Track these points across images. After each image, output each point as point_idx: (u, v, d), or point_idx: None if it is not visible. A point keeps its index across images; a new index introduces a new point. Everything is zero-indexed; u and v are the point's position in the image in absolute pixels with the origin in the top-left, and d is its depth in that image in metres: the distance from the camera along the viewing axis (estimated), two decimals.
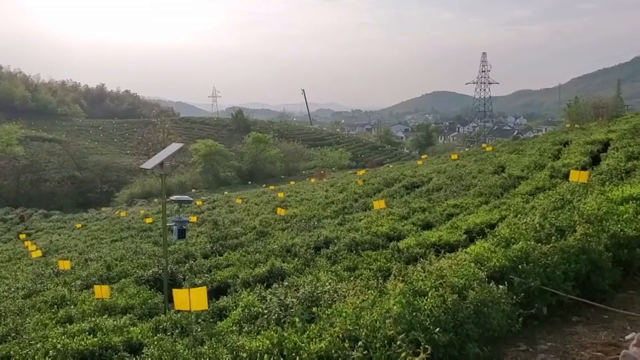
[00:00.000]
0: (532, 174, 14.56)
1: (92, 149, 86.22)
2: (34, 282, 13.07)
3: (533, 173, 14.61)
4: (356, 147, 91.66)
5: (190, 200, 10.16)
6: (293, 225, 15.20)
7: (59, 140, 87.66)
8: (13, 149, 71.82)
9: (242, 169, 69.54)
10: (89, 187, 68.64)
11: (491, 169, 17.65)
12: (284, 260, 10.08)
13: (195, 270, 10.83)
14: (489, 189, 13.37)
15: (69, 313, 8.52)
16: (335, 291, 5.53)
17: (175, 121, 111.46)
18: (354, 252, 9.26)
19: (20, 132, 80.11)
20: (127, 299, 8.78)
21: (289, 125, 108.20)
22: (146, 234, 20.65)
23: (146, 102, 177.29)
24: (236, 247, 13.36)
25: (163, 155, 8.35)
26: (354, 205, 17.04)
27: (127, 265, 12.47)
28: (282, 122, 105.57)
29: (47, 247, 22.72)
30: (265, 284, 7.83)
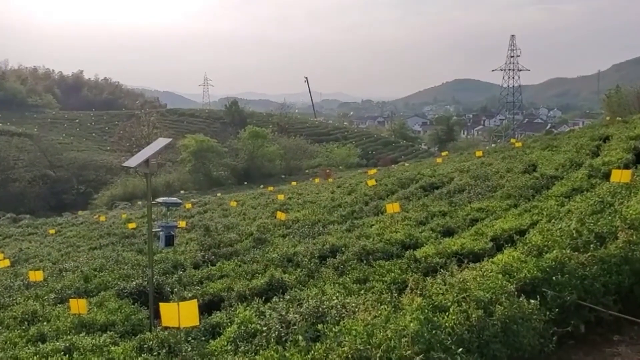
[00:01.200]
0: (567, 173, 14.53)
1: (67, 145, 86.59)
2: (1, 295, 13.09)
3: (569, 172, 14.57)
4: (366, 143, 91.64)
5: (179, 203, 10.17)
6: (295, 231, 15.21)
7: (29, 134, 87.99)
8: None
9: (237, 168, 69.66)
10: (64, 188, 68.83)
11: (521, 167, 17.61)
12: (284, 270, 10.10)
13: (185, 282, 10.87)
14: (518, 191, 13.35)
15: (41, 330, 8.56)
16: (343, 306, 5.55)
17: (162, 113, 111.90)
18: (365, 262, 9.26)
19: None
20: (108, 315, 8.81)
21: (290, 118, 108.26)
22: (129, 241, 20.72)
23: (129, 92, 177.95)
24: (231, 255, 13.39)
25: (149, 151, 8.36)
26: (364, 209, 17.03)
27: (107, 277, 12.51)
28: (282, 115, 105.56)
29: (16, 256, 22.79)
30: (263, 298, 7.85)
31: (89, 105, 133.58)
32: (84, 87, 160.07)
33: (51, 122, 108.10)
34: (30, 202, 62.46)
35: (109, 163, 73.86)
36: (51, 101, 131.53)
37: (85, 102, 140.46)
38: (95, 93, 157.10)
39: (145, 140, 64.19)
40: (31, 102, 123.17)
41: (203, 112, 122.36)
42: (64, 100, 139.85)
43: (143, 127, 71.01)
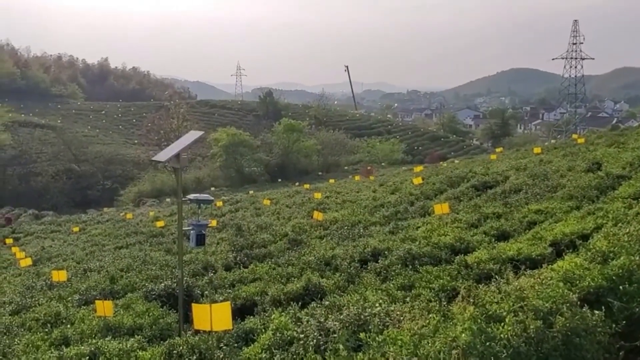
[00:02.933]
0: (636, 172, 14.16)
1: (92, 138, 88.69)
2: (23, 295, 13.53)
3: (637, 172, 14.21)
4: (412, 138, 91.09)
5: (210, 200, 10.32)
6: (333, 232, 15.22)
7: (53, 126, 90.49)
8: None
9: (271, 164, 70.14)
10: (89, 183, 70.33)
11: (584, 165, 17.25)
12: (322, 275, 10.13)
13: (216, 285, 11.02)
14: (581, 191, 13.08)
15: (65, 333, 8.82)
16: (387, 314, 5.55)
17: (192, 105, 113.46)
18: (410, 267, 9.21)
19: (7, 116, 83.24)
20: (135, 318, 9.02)
21: (328, 110, 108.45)
22: (157, 240, 21.10)
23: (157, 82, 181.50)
24: (264, 257, 13.51)
25: (179, 145, 8.51)
26: (410, 210, 16.94)
27: (134, 278, 12.80)
28: (320, 107, 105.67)
29: (39, 255, 23.52)
30: (300, 303, 7.89)
31: (115, 96, 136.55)
32: (110, 76, 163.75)
33: (76, 113, 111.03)
34: (53, 197, 63.96)
35: (136, 157, 75.15)
36: (76, 91, 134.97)
37: (111, 93, 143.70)
38: (123, 83, 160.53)
39: (175, 134, 65.21)
40: (55, 92, 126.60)
41: (235, 103, 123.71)
42: (89, 90, 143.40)
43: (172, 120, 72.08)
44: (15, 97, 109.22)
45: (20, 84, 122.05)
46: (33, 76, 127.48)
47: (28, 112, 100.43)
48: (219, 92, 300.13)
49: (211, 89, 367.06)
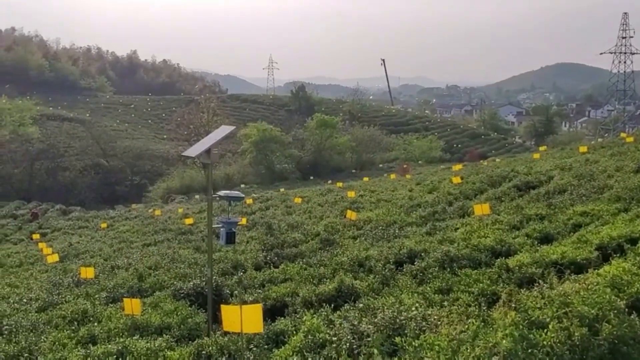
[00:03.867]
0: None
1: (121, 132, 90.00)
2: (50, 292, 13.86)
3: None
4: (451, 135, 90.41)
5: (241, 197, 10.42)
6: (367, 232, 15.23)
7: (81, 120, 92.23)
8: (26, 129, 76.05)
9: (303, 161, 70.32)
10: (117, 178, 71.25)
11: (633, 166, 16.91)
12: (355, 276, 10.15)
13: (245, 285, 11.12)
14: (629, 192, 12.83)
15: (92, 331, 9.01)
16: (423, 318, 5.54)
17: (223, 99, 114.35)
18: (448, 269, 9.18)
19: (35, 109, 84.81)
20: (163, 317, 9.17)
21: (363, 105, 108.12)
22: (185, 238, 21.39)
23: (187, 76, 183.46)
24: (295, 257, 13.59)
25: (210, 140, 8.60)
26: (448, 210, 16.83)
27: (162, 276, 13.00)
28: (354, 102, 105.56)
29: (66, 251, 24.03)
30: (332, 305, 7.92)
31: (145, 89, 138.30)
32: (140, 69, 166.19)
33: (104, 106, 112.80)
34: (81, 193, 64.98)
35: (165, 152, 76.00)
36: (104, 84, 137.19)
37: (140, 86, 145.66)
38: (152, 76, 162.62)
39: (205, 129, 65.69)
40: (84, 85, 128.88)
41: (267, 98, 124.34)
42: (118, 84, 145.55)
43: (202, 114, 72.51)
44: (43, 89, 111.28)
45: (49, 76, 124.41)
46: (62, 68, 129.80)
47: (56, 105, 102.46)
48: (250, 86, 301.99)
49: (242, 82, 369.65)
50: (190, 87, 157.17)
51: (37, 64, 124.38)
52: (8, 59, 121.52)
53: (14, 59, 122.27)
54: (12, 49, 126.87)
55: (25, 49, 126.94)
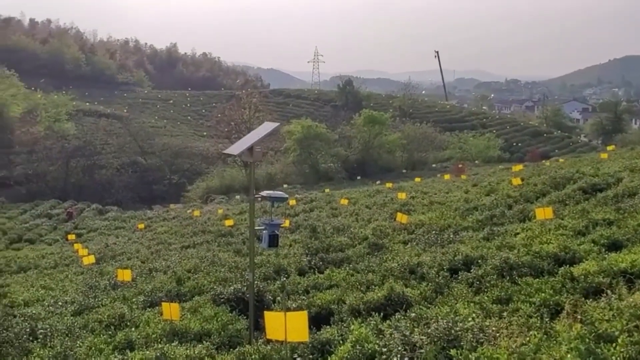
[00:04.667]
0: None
1: (159, 129, 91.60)
2: (86, 295, 14.19)
3: None
4: (511, 133, 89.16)
5: (285, 198, 10.45)
6: (419, 237, 15.15)
7: (118, 116, 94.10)
8: (62, 125, 77.88)
9: (350, 160, 70.27)
10: (155, 177, 72.36)
11: None
12: (406, 284, 10.13)
13: (289, 290, 11.18)
14: None
15: (129, 337, 9.19)
16: (481, 330, 5.50)
17: (265, 94, 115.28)
18: (507, 278, 9.09)
19: (71, 104, 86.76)
20: (202, 323, 9.31)
21: (415, 100, 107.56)
22: (225, 240, 21.62)
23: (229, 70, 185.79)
24: (341, 262, 13.61)
25: (253, 137, 8.67)
26: (507, 214, 16.61)
27: (201, 280, 13.18)
28: (405, 97, 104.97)
29: (102, 252, 24.58)
30: (381, 314, 7.92)
31: (184, 84, 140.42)
32: (179, 63, 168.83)
33: (142, 102, 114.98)
34: (117, 192, 66.02)
35: (205, 150, 76.72)
36: (142, 79, 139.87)
37: (179, 81, 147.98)
38: (192, 70, 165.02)
39: (246, 125, 66.31)
40: (121, 80, 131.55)
41: (312, 92, 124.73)
42: (157, 78, 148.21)
43: (244, 110, 73.09)
44: (79, 83, 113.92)
45: (85, 70, 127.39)
46: (98, 62, 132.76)
47: (93, 101, 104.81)
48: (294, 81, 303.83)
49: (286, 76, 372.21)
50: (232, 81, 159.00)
51: (73, 57, 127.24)
52: (44, 52, 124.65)
53: (50, 52, 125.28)
54: (47, 42, 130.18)
55: (61, 42, 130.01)
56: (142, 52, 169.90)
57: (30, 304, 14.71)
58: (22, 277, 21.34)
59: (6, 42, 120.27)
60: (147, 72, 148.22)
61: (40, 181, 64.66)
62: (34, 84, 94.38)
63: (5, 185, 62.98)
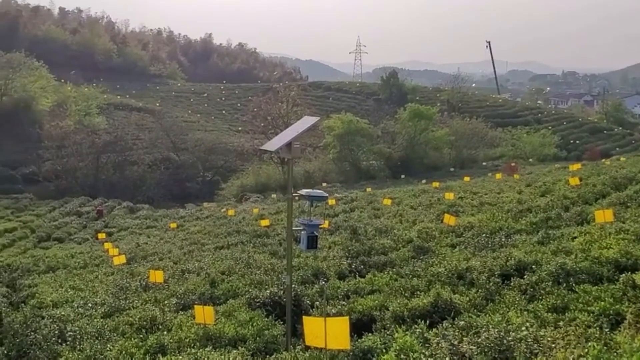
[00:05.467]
0: None
1: (193, 123, 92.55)
2: (117, 297, 14.41)
3: None
4: (568, 129, 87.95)
5: (325, 197, 10.44)
6: (468, 240, 15.08)
7: (150, 110, 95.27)
8: (92, 119, 79.30)
9: (393, 157, 69.91)
10: (188, 174, 73.02)
11: None
12: (454, 290, 10.09)
13: (328, 295, 11.19)
14: None
15: (161, 341, 9.31)
16: (535, 340, 5.45)
17: (304, 87, 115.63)
18: (564, 285, 9.01)
19: (102, 97, 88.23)
20: (237, 327, 9.38)
21: (464, 93, 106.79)
22: (261, 241, 21.73)
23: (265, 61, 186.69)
24: (384, 266, 13.61)
25: (292, 132, 8.68)
26: (564, 216, 16.41)
27: (236, 282, 13.29)
28: (454, 90, 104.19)
29: (133, 252, 24.97)
30: (427, 322, 7.89)
31: (219, 77, 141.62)
32: (213, 54, 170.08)
33: (175, 95, 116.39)
34: (149, 189, 66.69)
35: (240, 146, 76.98)
36: (176, 71, 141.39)
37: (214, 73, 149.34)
38: (227, 62, 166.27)
39: (283, 120, 66.59)
40: (154, 72, 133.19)
41: (353, 85, 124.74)
42: (190, 70, 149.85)
43: (281, 104, 73.33)
44: (110, 76, 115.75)
45: (117, 61, 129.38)
46: (130, 53, 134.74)
47: (124, 94, 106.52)
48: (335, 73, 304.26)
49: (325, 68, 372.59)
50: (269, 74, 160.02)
51: (104, 48, 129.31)
52: (74, 43, 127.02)
53: (80, 43, 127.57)
54: (78, 32, 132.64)
55: (91, 32, 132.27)
56: (175, 43, 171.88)
57: (59, 305, 14.98)
58: (51, 277, 21.73)
59: (35, 32, 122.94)
60: (181, 64, 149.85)
61: (69, 177, 65.61)
62: (63, 76, 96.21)
63: (34, 181, 64.13)
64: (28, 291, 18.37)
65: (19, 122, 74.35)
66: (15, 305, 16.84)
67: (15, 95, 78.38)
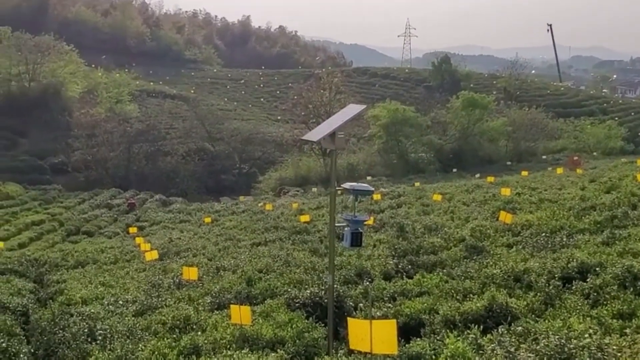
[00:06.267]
0: None
1: (229, 112, 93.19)
2: (149, 294, 14.62)
3: None
4: (636, 120, 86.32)
5: (371, 191, 10.39)
6: (526, 240, 14.94)
7: (185, 97, 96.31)
8: (124, 107, 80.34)
9: (444, 149, 69.46)
10: (224, 166, 73.50)
11: None
12: (510, 293, 10.04)
13: (373, 297, 11.18)
14: None
15: (195, 341, 9.41)
16: (599, 348, 5.39)
17: (348, 73, 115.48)
18: (631, 289, 8.91)
19: (134, 83, 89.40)
20: (275, 329, 9.45)
21: (523, 81, 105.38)
22: (301, 238, 21.79)
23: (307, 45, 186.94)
24: (434, 266, 13.59)
25: (336, 121, 8.65)
26: (631, 215, 16.14)
27: (274, 281, 13.36)
28: (511, 77, 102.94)
29: (165, 248, 25.26)
30: (480, 327, 7.84)
31: (257, 62, 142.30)
32: (252, 37, 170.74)
33: (211, 82, 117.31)
34: (183, 181, 67.30)
35: (278, 136, 77.36)
36: (212, 55, 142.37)
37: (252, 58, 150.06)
38: (266, 46, 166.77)
39: (325, 109, 66.50)
40: (188, 57, 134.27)
41: (401, 71, 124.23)
42: (227, 55, 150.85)
43: (323, 91, 73.14)
44: (143, 61, 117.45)
45: (150, 45, 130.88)
46: (164, 37, 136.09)
47: (157, 80, 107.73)
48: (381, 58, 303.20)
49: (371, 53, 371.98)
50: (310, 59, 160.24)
51: (137, 31, 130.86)
52: (105, 26, 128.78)
53: (112, 26, 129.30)
54: (109, 14, 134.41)
55: (124, 14, 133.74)
56: (212, 26, 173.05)
57: (89, 302, 15.25)
58: (80, 272, 22.14)
59: (65, 13, 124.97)
60: (217, 49, 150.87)
61: (99, 168, 66.75)
62: (94, 61, 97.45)
63: (63, 171, 65.23)
64: (56, 287, 18.73)
65: (47, 109, 75.66)
66: (43, 302, 17.26)
67: (44, 81, 79.80)
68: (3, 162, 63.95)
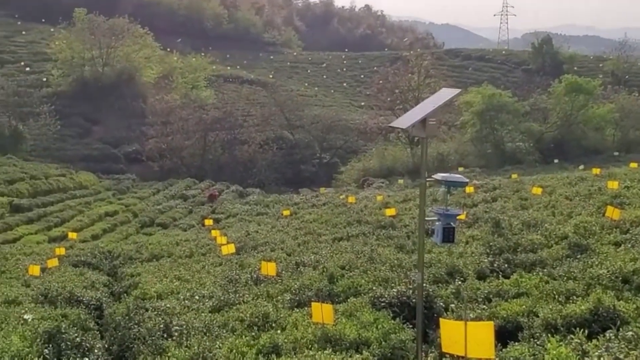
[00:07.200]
0: None
1: (309, 98, 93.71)
2: (226, 289, 14.82)
3: None
4: None
5: (465, 183, 10.21)
6: (636, 237, 14.53)
7: (263, 82, 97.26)
8: (200, 93, 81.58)
9: (545, 138, 68.21)
10: (303, 155, 74.07)
11: None
12: (618, 295, 9.80)
13: (465, 297, 11.08)
14: None
15: (274, 340, 9.50)
16: None
17: (439, 56, 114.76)
18: None
19: (210, 68, 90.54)
20: (359, 329, 9.46)
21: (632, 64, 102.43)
22: (386, 233, 21.78)
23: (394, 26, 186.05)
24: (532, 266, 13.39)
25: (428, 107, 8.55)
26: None
27: (358, 278, 13.37)
28: (620, 59, 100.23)
29: (242, 241, 25.57)
30: (585, 331, 7.69)
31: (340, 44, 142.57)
32: (334, 18, 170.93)
33: (291, 66, 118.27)
34: (260, 172, 68.13)
35: (362, 124, 77.10)
36: (292, 38, 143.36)
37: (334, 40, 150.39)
38: (350, 27, 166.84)
39: (413, 94, 66.22)
40: (267, 39, 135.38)
41: (498, 53, 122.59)
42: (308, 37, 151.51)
43: (412, 75, 72.70)
44: (220, 44, 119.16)
45: (227, 28, 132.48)
46: (242, 19, 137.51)
47: (235, 64, 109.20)
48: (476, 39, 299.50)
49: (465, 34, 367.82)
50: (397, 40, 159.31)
51: (214, 13, 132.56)
52: (181, 7, 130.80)
53: (188, 8, 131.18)
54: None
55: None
56: (292, 7, 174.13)
57: (164, 296, 15.57)
58: (154, 266, 22.62)
59: None
60: (297, 30, 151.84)
61: (174, 157, 67.98)
62: (169, 45, 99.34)
63: (137, 160, 66.88)
64: (130, 280, 19.20)
65: (121, 95, 77.40)
66: (117, 296, 17.75)
67: (118, 66, 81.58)
68: (76, 150, 65.84)
